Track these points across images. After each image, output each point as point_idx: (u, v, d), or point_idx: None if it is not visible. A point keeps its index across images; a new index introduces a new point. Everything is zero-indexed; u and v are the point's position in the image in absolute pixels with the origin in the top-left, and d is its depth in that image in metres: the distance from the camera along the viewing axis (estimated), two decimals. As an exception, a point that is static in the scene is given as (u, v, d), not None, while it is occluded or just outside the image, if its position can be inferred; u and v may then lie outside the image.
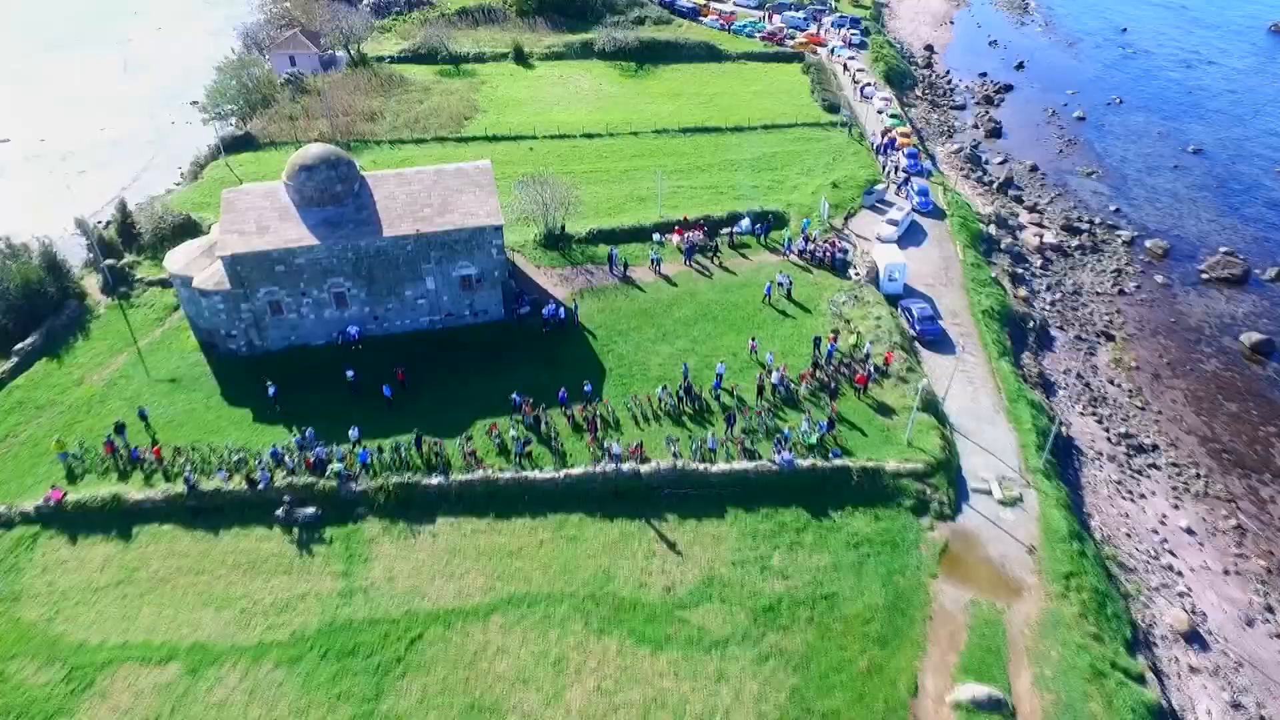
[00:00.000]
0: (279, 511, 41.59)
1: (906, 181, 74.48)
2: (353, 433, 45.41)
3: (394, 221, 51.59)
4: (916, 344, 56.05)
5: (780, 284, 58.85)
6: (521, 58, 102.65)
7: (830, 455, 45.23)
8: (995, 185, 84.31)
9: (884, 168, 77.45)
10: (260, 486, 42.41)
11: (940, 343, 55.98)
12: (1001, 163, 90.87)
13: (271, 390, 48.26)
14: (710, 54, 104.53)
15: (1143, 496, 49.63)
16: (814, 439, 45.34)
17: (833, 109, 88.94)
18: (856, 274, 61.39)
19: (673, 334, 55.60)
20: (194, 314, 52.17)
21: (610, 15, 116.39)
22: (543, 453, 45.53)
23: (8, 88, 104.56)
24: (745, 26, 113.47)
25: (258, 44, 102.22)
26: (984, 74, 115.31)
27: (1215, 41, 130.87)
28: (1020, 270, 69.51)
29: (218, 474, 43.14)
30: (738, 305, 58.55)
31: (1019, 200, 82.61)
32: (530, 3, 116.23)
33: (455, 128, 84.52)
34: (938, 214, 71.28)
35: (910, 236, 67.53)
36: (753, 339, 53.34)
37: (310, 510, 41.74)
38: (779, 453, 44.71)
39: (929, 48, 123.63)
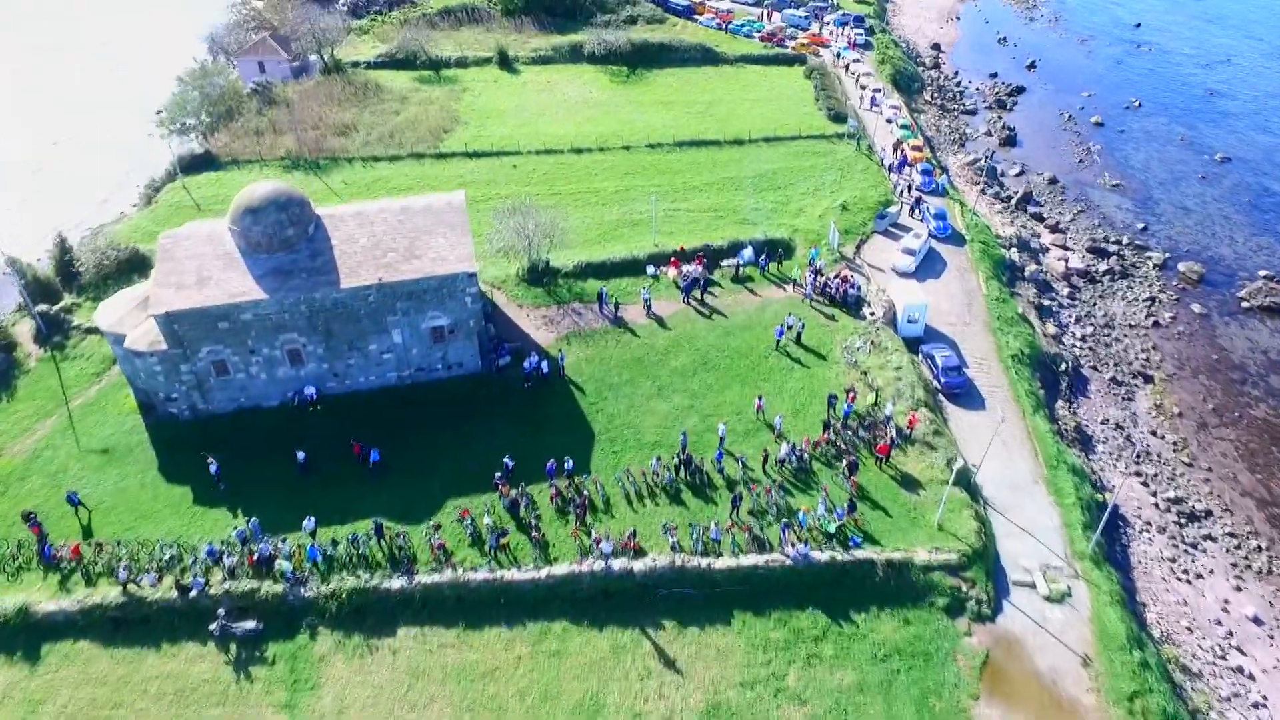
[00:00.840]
0: (214, 626, 35.44)
1: (920, 203, 68.07)
2: (307, 523, 39.21)
3: (354, 269, 45.19)
4: (940, 396, 49.98)
5: (790, 326, 52.61)
6: (506, 63, 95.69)
7: (850, 543, 39.19)
8: (1014, 201, 77.96)
9: (896, 188, 70.98)
10: (193, 594, 36.24)
11: (967, 395, 49.88)
12: (1018, 174, 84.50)
13: (214, 467, 42.01)
14: (706, 57, 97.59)
15: (1200, 577, 43.71)
16: (832, 527, 39.24)
17: (839, 118, 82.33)
18: (872, 314, 55.14)
19: (669, 388, 49.37)
20: (130, 373, 45.81)
21: (601, 14, 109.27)
22: (522, 543, 39.38)
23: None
24: (743, 26, 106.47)
25: (225, 49, 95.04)
26: (994, 75, 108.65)
27: (1231, 37, 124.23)
28: (1047, 301, 63.30)
29: (145, 577, 36.94)
30: (741, 352, 52.30)
31: (1039, 218, 76.29)
32: (516, 1, 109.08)
33: (433, 143, 77.79)
34: (956, 239, 64.99)
35: (928, 266, 61.25)
36: (759, 397, 47.13)
37: (250, 625, 35.58)
38: (789, 544, 38.63)
39: (936, 46, 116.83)
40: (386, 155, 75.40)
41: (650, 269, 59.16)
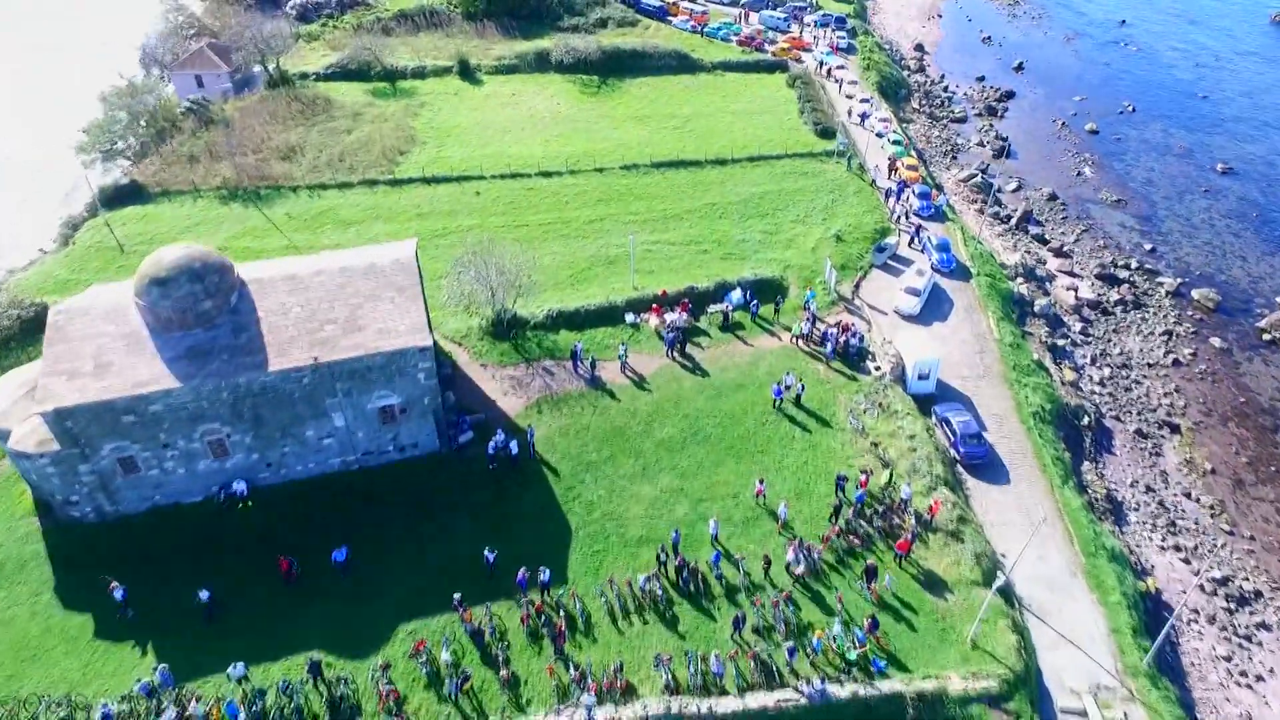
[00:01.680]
0: (108, 816, 28.71)
1: (920, 231, 62.08)
2: (234, 670, 32.36)
3: (285, 346, 38.20)
4: (959, 466, 44.17)
5: (788, 386, 46.46)
6: (468, 73, 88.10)
7: (873, 669, 33.25)
8: (1014, 221, 72.37)
9: (893, 214, 64.88)
10: (83, 773, 29.45)
11: (989, 466, 44.10)
12: (1015, 190, 78.89)
13: (119, 594, 35.02)
14: (682, 64, 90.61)
15: (1261, 679, 38.34)
16: (853, 654, 33.25)
17: (826, 133, 76.06)
18: (878, 368, 49.13)
19: (655, 465, 43.00)
20: (21, 471, 38.56)
21: (568, 16, 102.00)
22: (489, 682, 32.93)
23: None
24: (720, 29, 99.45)
25: (159, 61, 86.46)
26: (982, 78, 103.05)
27: (1217, 36, 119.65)
28: (1060, 341, 57.73)
29: (24, 753, 30.07)
30: (734, 417, 46.04)
31: (1042, 240, 70.73)
32: (478, 3, 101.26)
33: (387, 167, 70.37)
34: (960, 270, 59.15)
35: (933, 307, 55.38)
36: (760, 481, 40.88)
37: (152, 815, 28.89)
38: (803, 679, 32.58)
39: (919, 48, 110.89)
40: (335, 182, 67.86)
41: (629, 316, 52.66)
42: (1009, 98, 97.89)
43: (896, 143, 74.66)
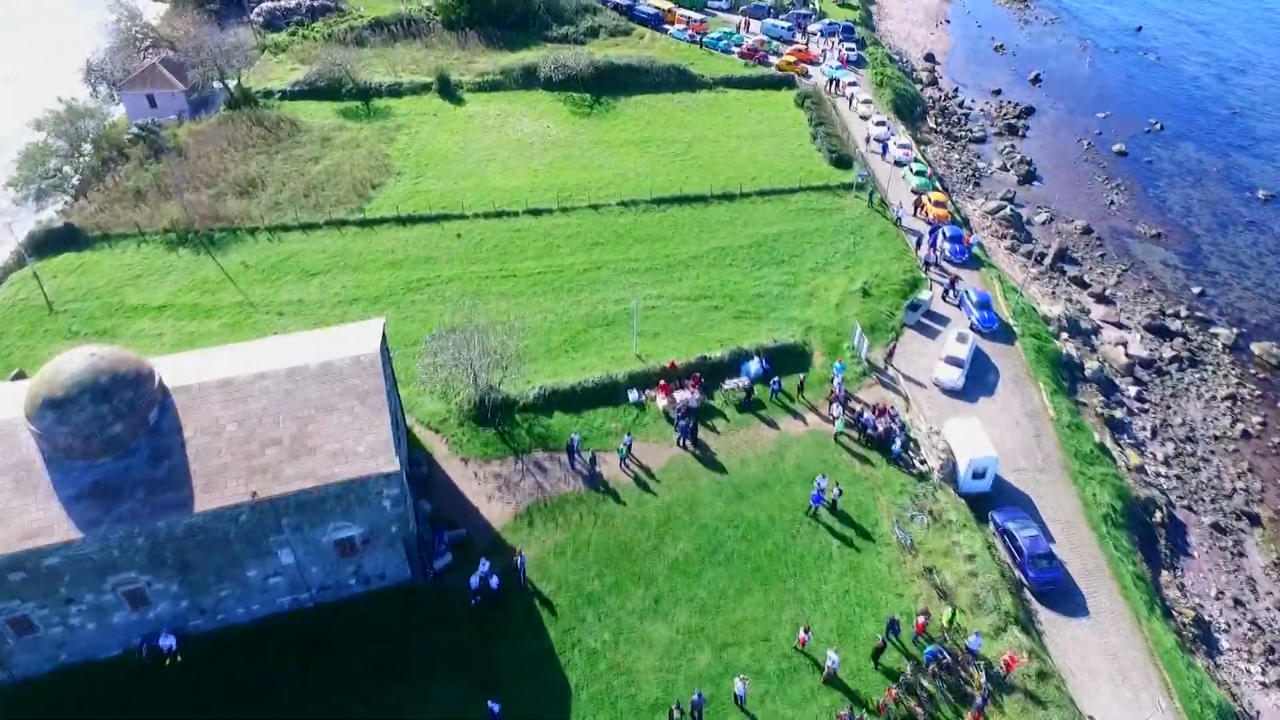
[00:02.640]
0: None
1: (955, 285, 54.83)
2: None
3: (216, 477, 30.59)
4: (1026, 590, 37.20)
5: (822, 488, 39.28)
6: (448, 90, 79.96)
7: None
8: (1048, 260, 65.39)
9: (924, 263, 57.58)
10: None
11: (1063, 593, 37.13)
12: (1046, 222, 71.84)
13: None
14: (681, 80, 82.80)
15: None
16: None
17: (842, 162, 68.66)
18: (924, 465, 42.05)
19: (669, 596, 35.76)
20: (-106, 630, 30.86)
21: (556, 25, 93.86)
22: None
23: None
24: (720, 40, 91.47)
25: (107, 79, 77.83)
26: (998, 91, 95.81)
27: (1237, 40, 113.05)
28: (1116, 410, 50.75)
29: None
30: (760, 527, 38.85)
31: (1081, 283, 63.76)
32: (459, 10, 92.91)
33: (358, 203, 62.45)
34: (1003, 330, 52.13)
35: (978, 378, 48.29)
36: (805, 630, 33.53)
37: None
38: None
39: (929, 57, 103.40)
40: (299, 224, 59.85)
41: (633, 394, 45.31)
42: (1029, 114, 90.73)
43: (920, 173, 67.25)
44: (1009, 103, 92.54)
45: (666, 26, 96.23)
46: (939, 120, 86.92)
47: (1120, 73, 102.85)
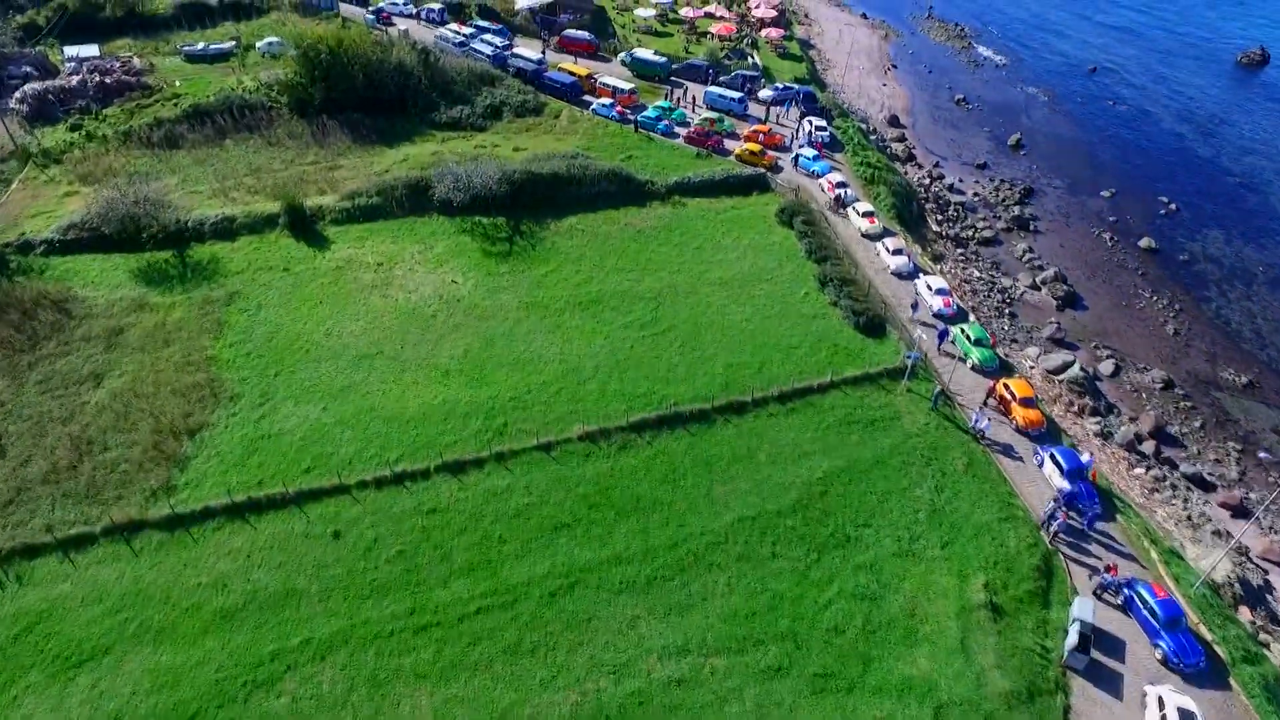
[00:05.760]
0: None
1: (1115, 585, 35.05)
2: None
3: None
4: None
5: None
6: (303, 224, 54.39)
7: None
8: (1148, 447, 47.50)
9: (1045, 523, 37.55)
10: None
11: None
12: (1114, 375, 54.09)
13: None
14: (624, 190, 60.00)
15: None
16: None
17: (873, 327, 48.15)
18: None
19: None
20: None
21: (445, 106, 69.14)
22: None
23: None
24: (659, 120, 68.91)
25: None
26: (983, 165, 78.36)
27: (1194, 83, 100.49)
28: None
29: None
30: None
31: (1202, 484, 46.12)
32: (311, 91, 66.52)
33: (161, 478, 37.17)
34: (1208, 660, 33.09)
35: (1220, 789, 28.93)
36: None
37: None
38: None
39: (894, 121, 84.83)
40: (52, 540, 34.27)
41: None
42: (1029, 197, 73.47)
43: (980, 341, 47.40)
44: (1003, 183, 75.00)
45: (587, 98, 73.01)
46: (938, 218, 68.08)
47: (1099, 131, 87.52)
